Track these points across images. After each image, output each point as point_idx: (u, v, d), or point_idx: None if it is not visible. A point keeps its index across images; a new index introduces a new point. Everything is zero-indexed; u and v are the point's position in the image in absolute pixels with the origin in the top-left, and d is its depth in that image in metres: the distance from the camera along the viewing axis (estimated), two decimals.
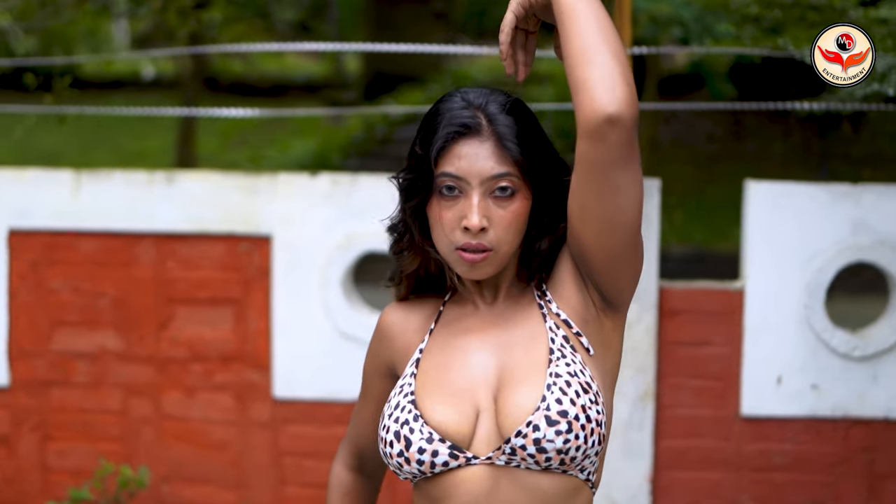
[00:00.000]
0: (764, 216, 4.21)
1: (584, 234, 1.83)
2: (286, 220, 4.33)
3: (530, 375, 1.85)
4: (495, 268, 1.88)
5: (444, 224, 1.86)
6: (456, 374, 1.89)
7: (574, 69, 1.73)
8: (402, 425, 1.86)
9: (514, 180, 1.84)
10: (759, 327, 4.21)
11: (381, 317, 2.07)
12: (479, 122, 1.84)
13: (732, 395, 4.26)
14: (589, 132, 1.72)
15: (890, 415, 4.22)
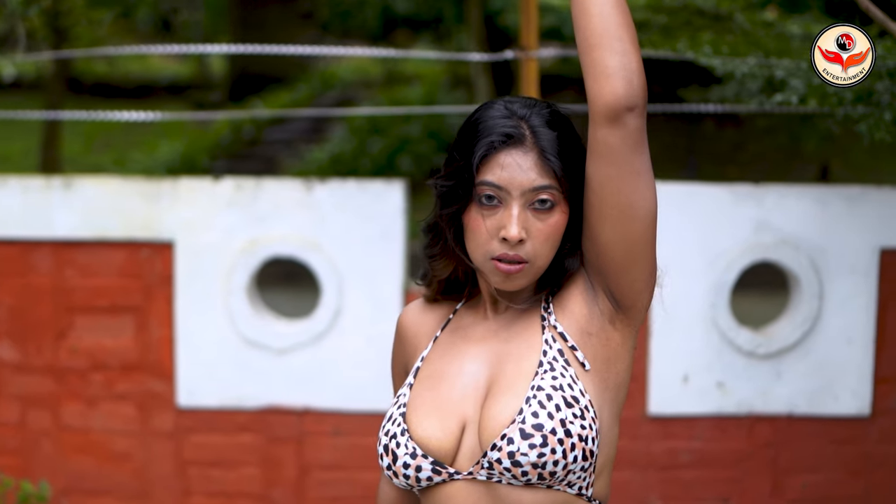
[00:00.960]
0: (669, 217, 4.54)
1: (603, 228, 1.90)
2: (189, 226, 4.51)
3: (513, 387, 1.92)
4: (529, 280, 1.95)
5: (482, 233, 1.93)
6: (447, 385, 1.98)
7: (593, 51, 1.83)
8: (391, 438, 1.97)
9: (554, 193, 1.91)
10: (666, 327, 4.55)
11: (400, 318, 2.16)
12: (523, 132, 1.91)
13: (640, 394, 4.58)
14: (610, 119, 1.83)
15: (793, 411, 4.59)
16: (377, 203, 4.47)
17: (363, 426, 4.53)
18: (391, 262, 4.49)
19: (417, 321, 2.13)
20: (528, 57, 4.39)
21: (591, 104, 1.85)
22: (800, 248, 4.53)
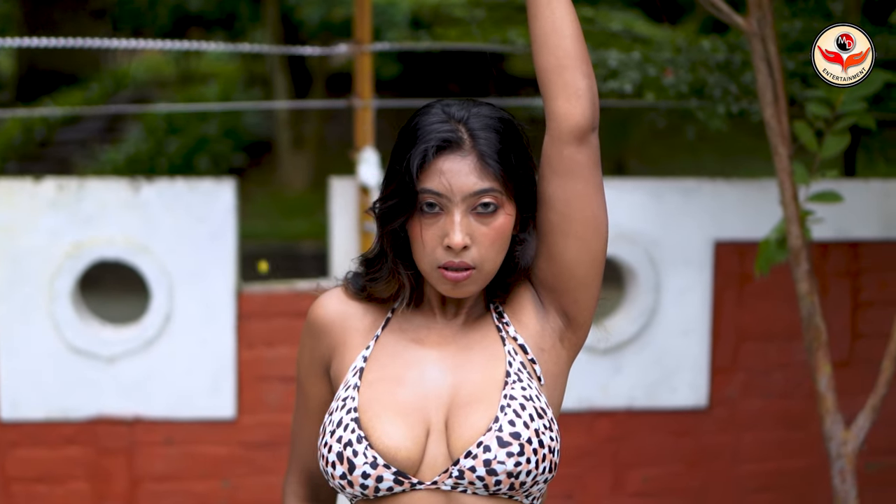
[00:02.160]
0: None
1: (567, 247, 2.06)
2: (8, 229, 4.66)
3: (484, 396, 2.02)
4: (479, 286, 2.04)
5: (426, 242, 2.00)
6: (408, 391, 2.04)
7: (566, 72, 2.01)
8: (344, 446, 1.99)
9: (496, 196, 1.99)
10: None
11: (314, 311, 2.16)
12: (461, 136, 2.00)
13: None
14: (578, 137, 2.01)
15: (632, 404, 4.99)
16: (207, 202, 4.70)
17: (197, 434, 4.75)
18: (223, 262, 4.72)
19: (342, 314, 2.15)
20: (363, 51, 4.68)
21: (558, 123, 2.02)
22: (636, 242, 4.93)
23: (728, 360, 5.06)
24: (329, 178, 4.83)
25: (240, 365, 4.75)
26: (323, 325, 2.15)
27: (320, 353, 2.17)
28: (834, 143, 4.07)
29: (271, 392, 4.77)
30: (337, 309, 2.15)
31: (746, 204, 4.95)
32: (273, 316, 4.78)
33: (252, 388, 4.77)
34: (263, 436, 4.79)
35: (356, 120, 4.73)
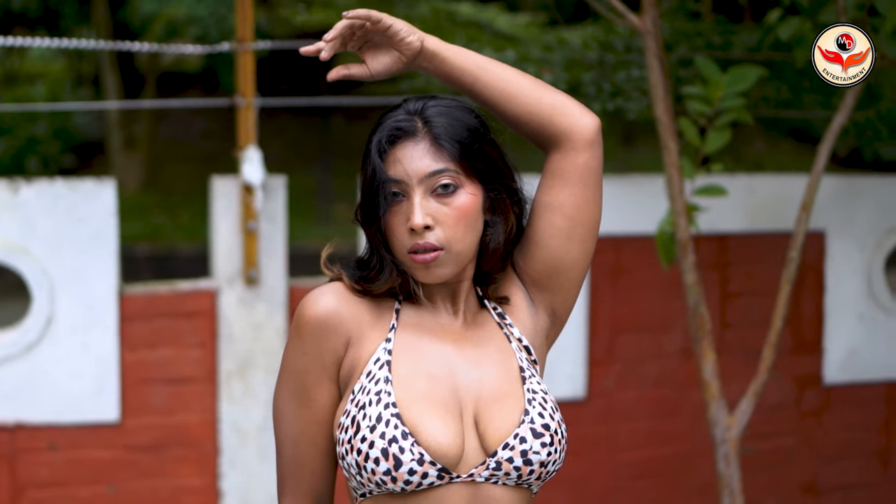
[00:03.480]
0: None
1: (570, 249, 2.19)
2: None
3: (509, 391, 2.09)
4: (452, 268, 2.09)
5: (394, 230, 2.07)
6: (442, 386, 2.08)
7: (536, 101, 2.15)
8: (389, 442, 2.00)
9: (453, 176, 2.07)
10: None
11: (316, 309, 2.10)
12: (414, 124, 2.09)
13: None
14: (591, 143, 2.15)
15: None
16: (88, 203, 4.69)
17: (81, 439, 4.74)
18: (104, 264, 4.72)
19: (351, 308, 2.11)
20: (245, 50, 4.73)
21: (572, 136, 2.15)
22: None
23: (604, 352, 5.25)
24: (211, 177, 4.87)
25: (123, 367, 4.76)
26: (331, 322, 2.09)
27: (331, 352, 2.10)
28: (716, 139, 4.28)
29: (155, 394, 4.79)
30: (344, 303, 2.10)
31: (619, 199, 5.15)
32: (155, 317, 4.80)
33: (136, 390, 4.78)
34: (148, 438, 4.80)
35: (238, 119, 4.78)
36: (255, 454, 4.87)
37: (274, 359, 4.85)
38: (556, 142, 2.16)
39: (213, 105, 4.80)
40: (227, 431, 4.85)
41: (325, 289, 2.12)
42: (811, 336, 5.55)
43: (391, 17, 2.12)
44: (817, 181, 4.37)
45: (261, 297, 4.85)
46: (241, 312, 4.83)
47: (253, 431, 4.86)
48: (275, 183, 4.85)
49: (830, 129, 4.29)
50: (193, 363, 4.83)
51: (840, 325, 5.57)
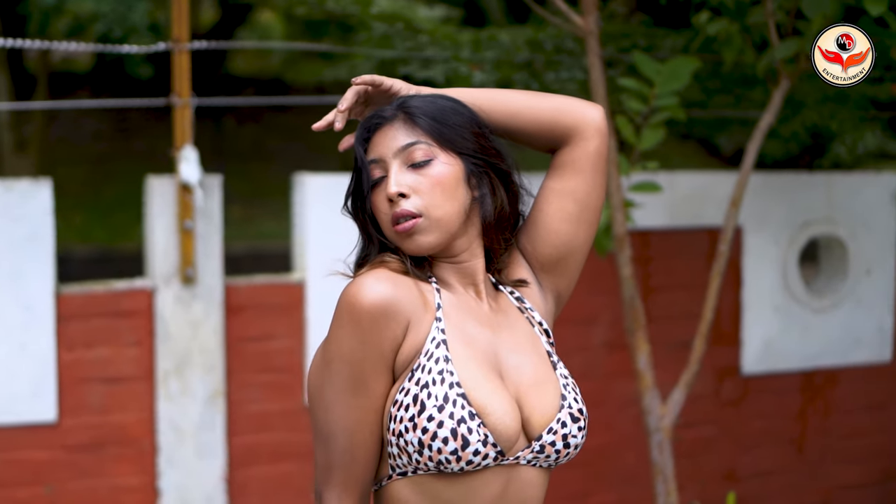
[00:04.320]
0: (318, 208, 5.09)
1: (578, 232, 2.33)
2: None
3: (545, 376, 2.21)
4: (436, 236, 2.17)
5: (379, 206, 2.19)
6: (492, 368, 2.17)
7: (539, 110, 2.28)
8: (458, 423, 2.07)
9: (425, 148, 2.18)
10: (321, 318, 5.08)
11: (371, 296, 2.10)
12: (394, 112, 2.22)
13: (298, 386, 5.09)
14: (598, 130, 2.30)
15: None
16: (24, 203, 4.71)
17: (18, 440, 4.75)
18: (41, 264, 4.74)
19: (407, 294, 2.14)
20: (181, 49, 4.79)
21: (583, 127, 2.29)
22: None
23: None
24: (147, 176, 4.91)
25: (60, 367, 4.78)
26: (390, 308, 2.09)
27: (390, 339, 2.11)
28: (651, 137, 4.46)
29: (93, 394, 4.82)
30: (398, 288, 2.12)
31: None
32: (92, 317, 4.83)
33: (73, 390, 4.80)
34: (86, 438, 4.83)
35: (175, 119, 4.83)
36: (192, 452, 4.92)
37: (211, 357, 4.92)
38: (567, 138, 2.30)
39: (149, 105, 4.82)
40: (164, 430, 4.90)
41: (374, 275, 2.12)
42: (729, 328, 5.77)
43: (390, 79, 2.29)
44: (746, 178, 4.57)
45: (198, 296, 4.91)
46: (178, 311, 4.89)
47: (191, 429, 4.92)
48: (211, 182, 4.91)
49: (758, 128, 4.49)
50: (130, 362, 4.87)
51: (757, 317, 5.80)
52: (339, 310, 2.13)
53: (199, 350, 4.92)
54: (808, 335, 5.90)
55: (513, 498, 2.16)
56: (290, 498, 5.12)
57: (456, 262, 2.24)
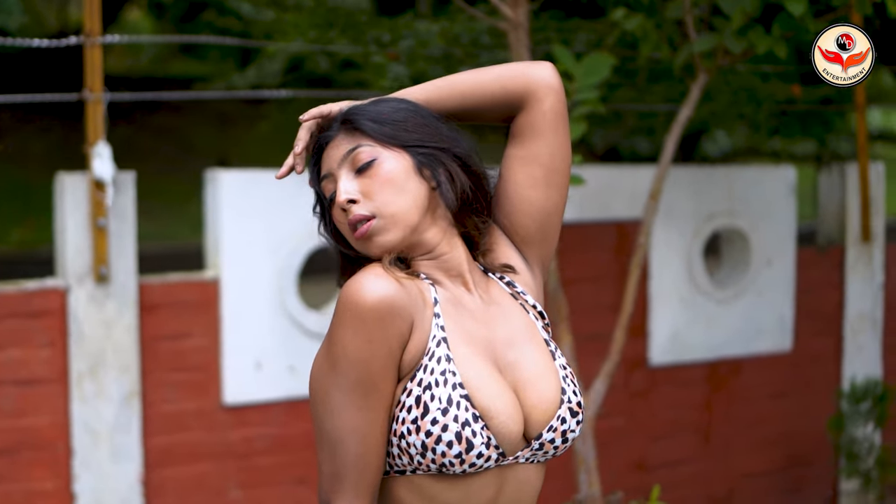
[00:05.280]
0: (232, 205, 5.07)
1: (550, 195, 2.29)
2: None
3: (544, 370, 2.18)
4: (395, 234, 2.14)
5: (338, 219, 2.18)
6: (494, 368, 2.15)
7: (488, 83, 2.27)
8: (462, 426, 2.05)
9: (367, 150, 2.15)
10: (236, 315, 5.07)
11: (376, 293, 2.05)
12: (336, 126, 2.21)
13: (214, 385, 5.07)
14: (549, 87, 2.26)
15: None
16: None
17: None
18: None
19: (409, 290, 2.11)
20: (94, 44, 4.73)
21: (528, 90, 2.26)
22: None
23: None
24: (57, 173, 4.84)
25: None
26: (395, 304, 2.06)
27: (397, 336, 2.07)
28: (572, 130, 4.51)
29: (5, 396, 4.74)
30: (399, 285, 2.08)
31: None
32: (3, 318, 4.75)
33: None
34: None
35: (87, 114, 4.76)
36: (108, 455, 4.87)
37: (126, 357, 4.86)
38: (521, 103, 2.27)
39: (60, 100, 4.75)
40: (79, 432, 4.83)
41: (373, 272, 2.08)
42: (637, 320, 5.87)
43: (336, 104, 2.27)
44: (665, 171, 4.67)
45: (111, 295, 4.85)
46: (92, 311, 4.82)
47: (105, 431, 4.86)
48: (124, 178, 4.85)
49: (677, 122, 4.59)
50: (43, 364, 4.80)
51: (663, 309, 5.92)
52: (340, 310, 2.07)
53: (113, 350, 4.86)
54: (713, 326, 6.04)
55: (510, 496, 2.14)
56: (207, 498, 5.10)
57: (434, 256, 2.20)
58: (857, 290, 6.38)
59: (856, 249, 6.34)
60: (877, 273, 6.41)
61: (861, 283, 6.38)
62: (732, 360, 6.14)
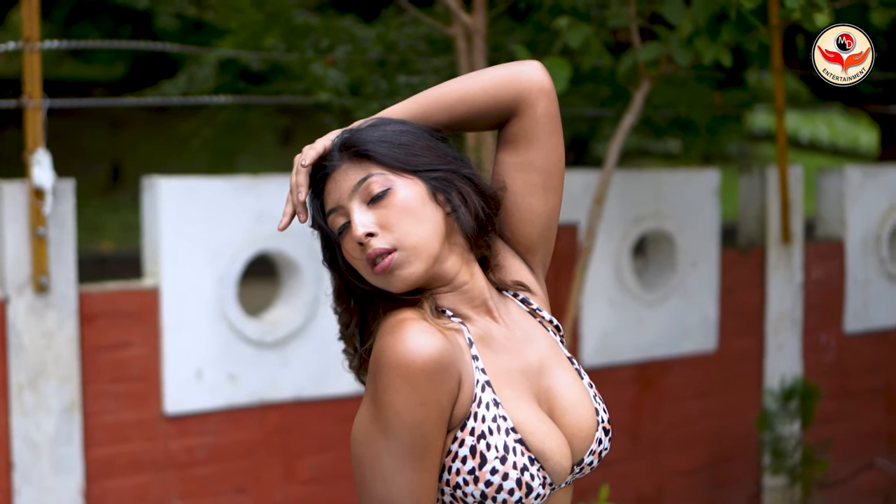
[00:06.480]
0: (172, 212, 5.06)
1: (547, 199, 2.26)
2: None
3: (576, 393, 2.17)
4: (419, 266, 2.08)
5: (352, 254, 2.10)
6: (536, 405, 2.13)
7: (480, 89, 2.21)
8: (521, 471, 2.03)
9: (380, 179, 2.09)
10: (177, 324, 5.06)
11: (424, 352, 1.99)
12: (338, 155, 2.14)
13: (155, 395, 5.05)
14: (541, 89, 2.21)
15: (300, 395, 5.30)
16: None
17: None
18: None
19: (452, 342, 2.06)
20: (32, 49, 4.69)
21: (528, 89, 2.21)
22: (298, 236, 5.24)
23: None
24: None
25: None
26: (444, 361, 2.00)
27: (448, 393, 2.02)
28: None
29: None
30: (445, 338, 2.03)
31: None
32: None
33: None
34: None
35: (26, 121, 4.72)
36: (49, 467, 4.83)
37: (66, 368, 4.83)
38: (513, 109, 2.21)
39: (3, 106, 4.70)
40: (19, 446, 4.78)
41: (416, 328, 2.02)
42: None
43: (327, 137, 2.19)
44: (609, 175, 4.77)
45: (51, 305, 4.81)
46: (31, 321, 4.78)
47: (46, 444, 4.82)
48: (63, 187, 4.82)
49: (620, 128, 4.69)
50: None
51: (594, 311, 6.02)
52: (386, 373, 1.98)
53: (53, 361, 4.82)
54: (641, 327, 6.17)
55: None
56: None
57: (456, 286, 2.16)
58: (777, 291, 6.56)
59: (776, 250, 6.51)
60: (796, 273, 6.59)
61: (782, 283, 6.56)
62: (660, 361, 6.27)
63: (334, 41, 5.26)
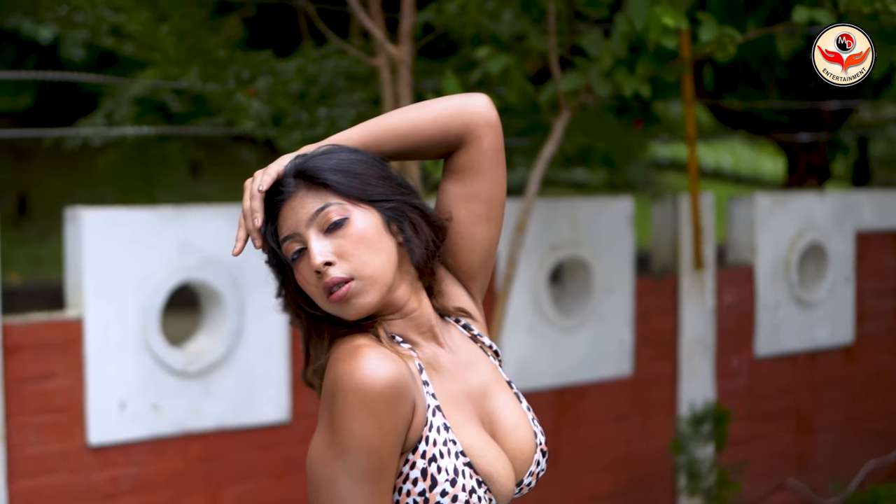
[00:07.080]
0: (95, 243, 5.08)
1: (489, 229, 2.34)
2: None
3: (517, 416, 2.25)
4: (374, 295, 2.14)
5: (307, 281, 2.15)
6: (482, 429, 2.20)
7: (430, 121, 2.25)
8: (469, 493, 2.12)
9: (337, 208, 2.14)
10: (100, 354, 5.08)
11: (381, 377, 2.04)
12: (287, 184, 2.17)
13: (78, 426, 5.07)
14: (488, 123, 2.28)
15: (223, 424, 5.34)
16: None
17: None
18: None
19: (406, 367, 2.11)
20: None
21: (475, 123, 2.27)
22: (221, 266, 5.30)
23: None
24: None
25: None
26: (399, 386, 2.06)
27: (404, 417, 2.07)
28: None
29: None
30: (397, 362, 2.08)
31: None
32: None
33: None
34: None
35: None
36: None
37: None
38: (459, 142, 2.28)
39: None
40: None
41: (373, 354, 2.07)
42: None
43: (279, 162, 2.23)
44: (530, 205, 4.88)
45: None
46: None
47: None
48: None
49: (541, 157, 4.81)
50: None
51: (512, 337, 6.13)
52: (344, 398, 2.03)
53: None
54: (559, 353, 6.29)
55: None
56: None
57: (405, 314, 2.21)
58: (690, 316, 6.72)
59: (689, 276, 6.68)
60: (708, 299, 6.76)
61: (694, 308, 6.72)
62: (578, 386, 6.39)
63: (255, 73, 5.33)
